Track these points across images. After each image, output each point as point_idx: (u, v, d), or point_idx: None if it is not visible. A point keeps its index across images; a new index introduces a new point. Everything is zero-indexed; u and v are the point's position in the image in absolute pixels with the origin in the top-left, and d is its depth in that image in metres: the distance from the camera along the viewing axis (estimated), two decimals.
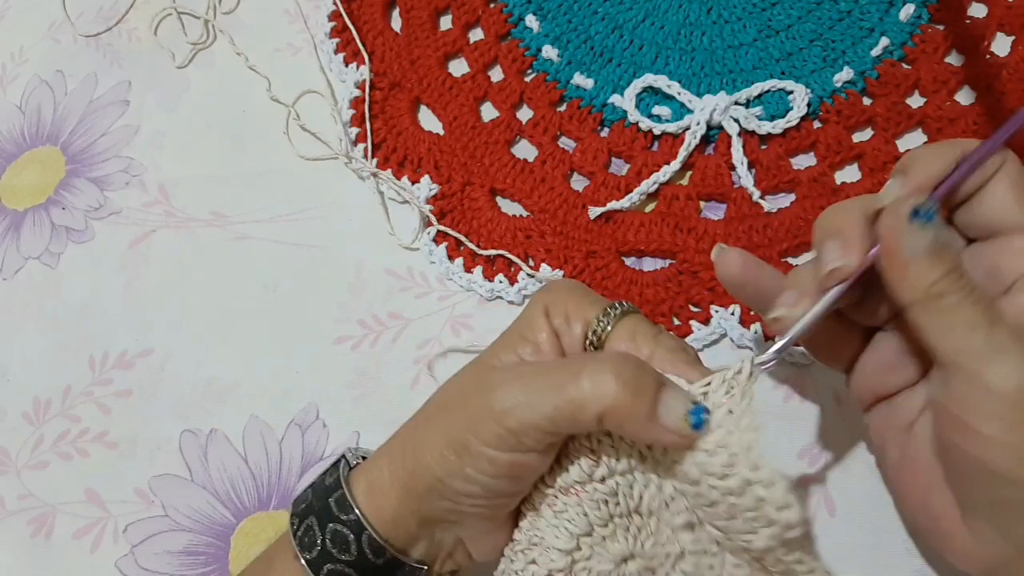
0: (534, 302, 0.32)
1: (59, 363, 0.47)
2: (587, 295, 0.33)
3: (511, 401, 0.28)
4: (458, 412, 0.30)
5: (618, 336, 0.31)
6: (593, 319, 0.31)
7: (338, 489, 0.32)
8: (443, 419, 0.30)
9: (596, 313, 0.31)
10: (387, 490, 0.31)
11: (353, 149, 0.49)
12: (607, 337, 0.31)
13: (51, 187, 0.52)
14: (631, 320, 0.31)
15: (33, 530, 0.44)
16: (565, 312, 0.32)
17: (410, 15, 0.52)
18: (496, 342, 0.33)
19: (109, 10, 0.57)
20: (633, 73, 0.49)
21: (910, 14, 0.47)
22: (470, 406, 0.29)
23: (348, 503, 0.31)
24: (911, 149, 0.31)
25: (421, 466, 0.30)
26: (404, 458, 0.31)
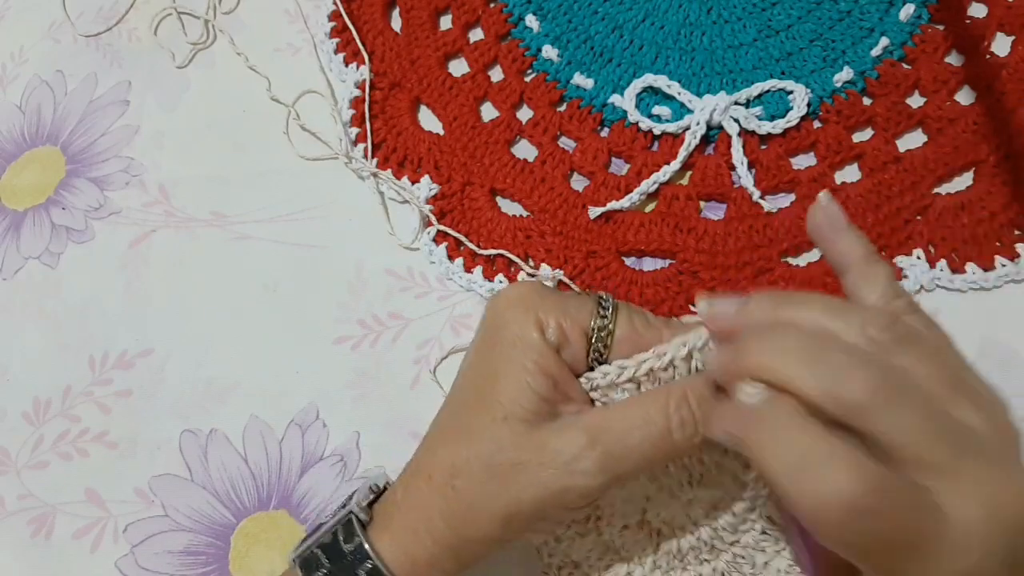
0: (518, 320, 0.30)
1: (59, 363, 0.47)
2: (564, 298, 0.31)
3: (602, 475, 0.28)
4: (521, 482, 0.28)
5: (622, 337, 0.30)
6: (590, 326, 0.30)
7: (366, 559, 0.30)
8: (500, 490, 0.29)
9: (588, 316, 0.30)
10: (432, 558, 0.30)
11: (353, 149, 0.49)
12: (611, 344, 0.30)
13: (51, 187, 0.52)
14: (623, 316, 0.31)
15: (33, 530, 0.44)
16: (557, 324, 0.30)
17: (410, 15, 0.52)
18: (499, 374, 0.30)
19: (109, 10, 0.57)
20: (633, 73, 0.49)
21: (910, 14, 0.47)
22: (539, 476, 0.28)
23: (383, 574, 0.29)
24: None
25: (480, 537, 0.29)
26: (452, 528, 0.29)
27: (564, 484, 0.28)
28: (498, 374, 0.30)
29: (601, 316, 0.30)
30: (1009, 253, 0.42)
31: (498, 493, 0.29)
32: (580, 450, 0.28)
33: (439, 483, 0.30)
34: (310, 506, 0.42)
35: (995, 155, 0.43)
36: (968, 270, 0.42)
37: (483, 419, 0.30)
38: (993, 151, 0.43)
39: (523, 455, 0.29)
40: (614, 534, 0.34)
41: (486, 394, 0.30)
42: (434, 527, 0.30)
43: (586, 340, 0.30)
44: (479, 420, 0.30)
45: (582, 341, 0.30)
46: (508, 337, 0.30)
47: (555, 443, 0.28)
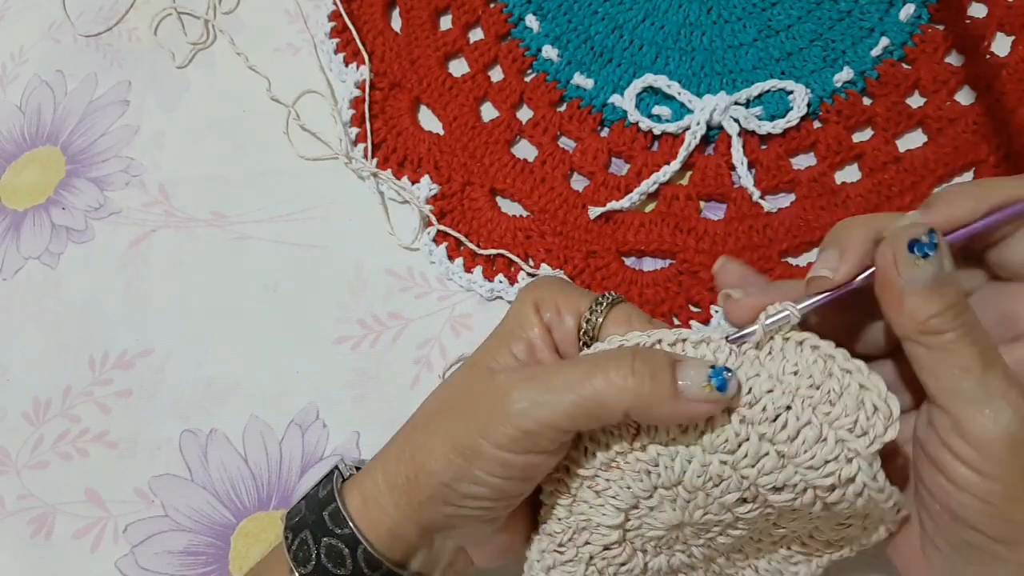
0: (522, 299, 0.32)
1: (59, 363, 0.47)
2: (573, 288, 0.33)
3: (526, 403, 0.28)
4: (463, 416, 0.29)
5: (613, 324, 0.31)
6: (585, 310, 0.31)
7: (332, 502, 0.31)
8: (446, 424, 0.30)
9: (587, 304, 0.31)
10: (383, 502, 0.31)
11: (353, 149, 0.49)
12: (601, 327, 0.31)
13: (51, 187, 0.52)
14: (623, 308, 0.31)
15: (33, 530, 0.44)
16: (555, 306, 0.31)
17: (410, 15, 0.52)
18: (487, 342, 0.32)
19: (109, 10, 0.57)
20: (633, 73, 0.49)
21: (910, 14, 0.47)
22: (478, 410, 0.29)
23: (343, 516, 0.31)
24: (953, 185, 0.30)
25: (424, 473, 0.30)
26: (402, 466, 0.31)
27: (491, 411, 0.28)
28: (491, 338, 0.32)
29: (595, 306, 0.31)
30: None
31: (440, 428, 0.30)
32: (512, 381, 0.29)
33: (405, 429, 0.32)
34: None
35: (995, 155, 0.43)
36: None
37: (461, 373, 0.32)
38: (993, 151, 0.43)
39: (476, 397, 0.30)
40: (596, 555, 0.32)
41: (474, 357, 0.32)
42: (389, 469, 0.31)
43: (577, 325, 0.31)
44: (458, 375, 0.32)
45: (573, 324, 0.31)
46: (510, 315, 0.32)
47: (498, 381, 0.29)
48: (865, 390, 0.27)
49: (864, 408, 0.27)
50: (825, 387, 0.28)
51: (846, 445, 0.27)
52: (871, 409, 0.27)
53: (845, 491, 0.28)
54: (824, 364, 0.28)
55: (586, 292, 0.32)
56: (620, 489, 0.30)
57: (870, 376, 0.27)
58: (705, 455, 0.28)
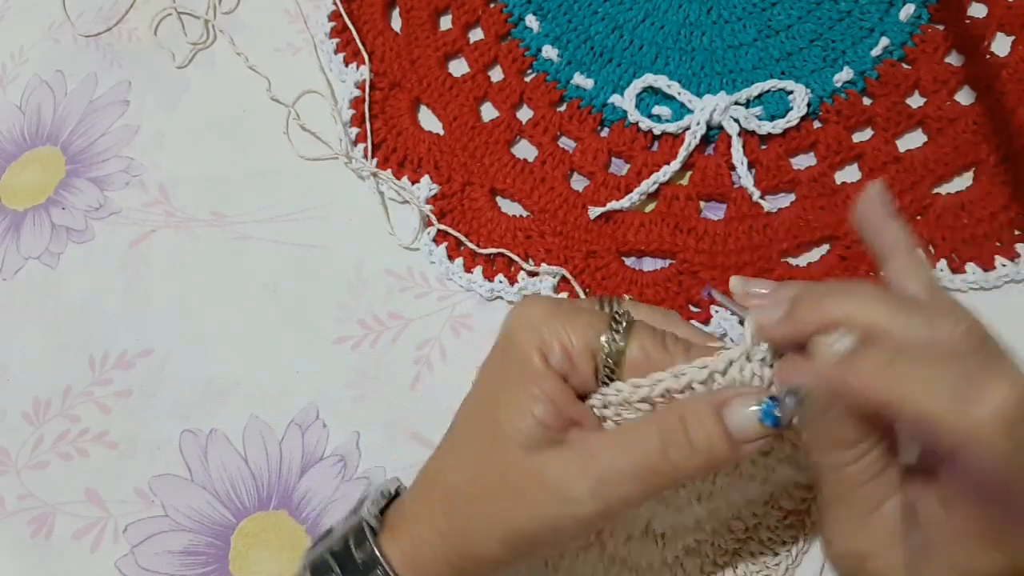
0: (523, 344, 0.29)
1: (59, 363, 0.47)
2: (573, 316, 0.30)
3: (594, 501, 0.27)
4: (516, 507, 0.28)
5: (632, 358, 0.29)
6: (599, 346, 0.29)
7: (376, 566, 0.30)
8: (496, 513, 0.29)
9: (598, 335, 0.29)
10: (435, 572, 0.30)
11: (353, 149, 0.49)
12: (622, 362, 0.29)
13: (51, 187, 0.52)
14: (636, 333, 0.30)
15: (33, 530, 0.44)
16: (562, 349, 0.29)
17: (410, 15, 0.52)
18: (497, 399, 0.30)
19: (109, 10, 0.57)
20: (633, 73, 0.49)
21: (910, 14, 0.47)
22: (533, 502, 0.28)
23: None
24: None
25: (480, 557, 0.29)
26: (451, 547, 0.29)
27: (558, 511, 0.28)
28: (501, 397, 0.30)
29: (611, 339, 0.29)
30: (1009, 253, 0.42)
31: (494, 517, 0.29)
32: (572, 477, 0.28)
33: (441, 500, 0.30)
34: (310, 506, 0.42)
35: (995, 155, 0.43)
36: (968, 270, 0.42)
37: (485, 441, 0.30)
38: (993, 151, 0.43)
39: (519, 482, 0.28)
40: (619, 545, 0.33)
41: (490, 416, 0.30)
42: (434, 543, 0.30)
43: (593, 362, 0.29)
44: (481, 442, 0.30)
45: (589, 364, 0.29)
46: (514, 360, 0.30)
47: (549, 470, 0.28)
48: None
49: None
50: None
51: None
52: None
53: None
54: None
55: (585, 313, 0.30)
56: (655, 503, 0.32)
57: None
58: None
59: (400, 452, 0.42)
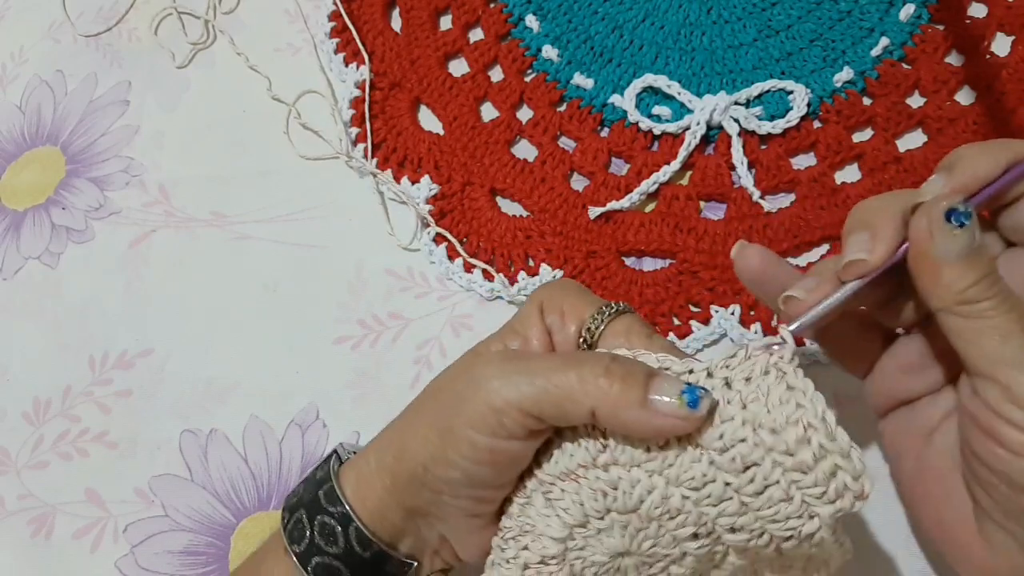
0: (530, 299, 0.32)
1: (59, 363, 0.47)
2: (583, 294, 0.32)
3: (498, 380, 0.28)
4: (445, 396, 0.30)
5: (612, 334, 0.31)
6: (588, 317, 0.31)
7: (327, 482, 0.32)
8: (430, 404, 0.31)
9: (591, 311, 0.31)
10: (373, 481, 0.31)
11: (353, 149, 0.49)
12: (601, 335, 0.31)
13: (51, 187, 0.52)
14: (625, 319, 0.31)
15: (33, 530, 0.44)
16: (560, 309, 0.32)
17: (410, 15, 0.52)
18: (488, 337, 0.33)
19: (109, 10, 0.57)
20: (633, 73, 0.49)
21: (910, 14, 0.47)
22: (456, 388, 0.29)
23: (336, 495, 0.31)
24: (962, 146, 0.30)
25: (406, 453, 0.30)
26: (391, 446, 0.31)
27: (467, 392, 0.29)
28: (492, 336, 0.33)
29: (597, 314, 0.31)
30: None
31: (424, 411, 0.31)
32: (491, 365, 0.29)
33: (399, 416, 0.32)
34: None
35: None
36: None
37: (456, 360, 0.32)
38: None
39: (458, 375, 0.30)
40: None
41: (476, 345, 0.32)
42: (379, 449, 0.31)
43: (578, 331, 0.31)
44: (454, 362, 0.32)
45: (575, 330, 0.31)
46: (517, 313, 0.33)
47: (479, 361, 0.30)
48: (840, 468, 0.26)
49: (835, 482, 0.26)
50: (800, 456, 0.26)
51: (810, 508, 0.27)
52: (842, 485, 0.26)
53: (802, 543, 0.27)
54: (803, 432, 0.26)
55: (596, 300, 0.32)
56: (572, 503, 0.29)
57: (849, 453, 0.26)
58: (668, 487, 0.28)
59: None
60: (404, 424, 0.31)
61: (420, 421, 0.30)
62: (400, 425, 0.32)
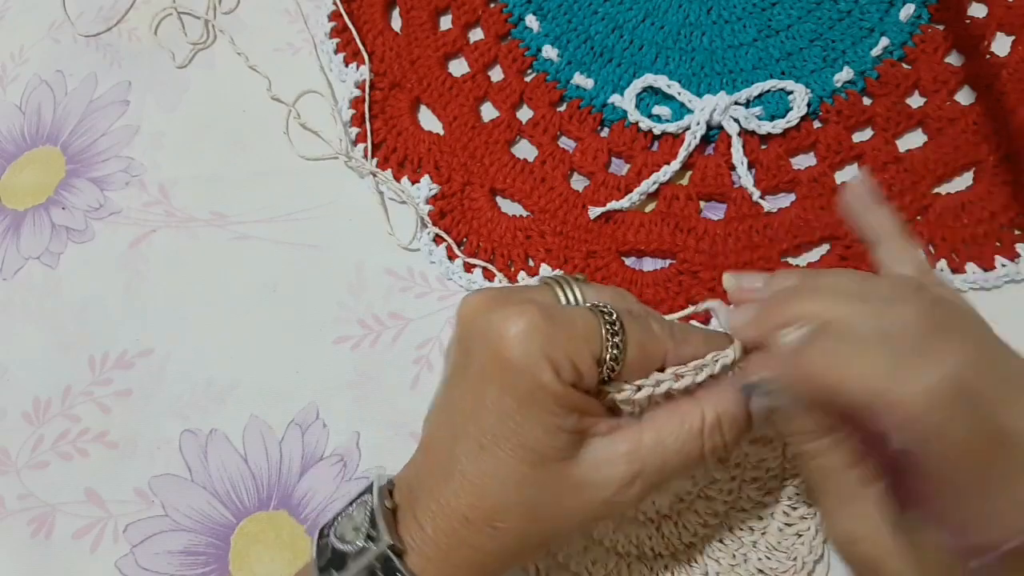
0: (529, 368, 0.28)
1: (59, 363, 0.47)
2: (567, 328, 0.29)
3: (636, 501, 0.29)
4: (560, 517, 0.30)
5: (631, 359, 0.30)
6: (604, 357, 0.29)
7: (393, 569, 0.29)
8: (541, 527, 0.29)
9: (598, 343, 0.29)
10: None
11: (353, 149, 0.49)
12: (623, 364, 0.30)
13: (51, 187, 0.52)
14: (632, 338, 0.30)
15: (33, 530, 0.44)
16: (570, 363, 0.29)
17: (410, 15, 0.52)
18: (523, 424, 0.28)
19: (109, 10, 0.57)
20: (633, 73, 0.49)
21: (910, 14, 0.47)
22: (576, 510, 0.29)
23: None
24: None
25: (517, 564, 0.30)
26: (499, 562, 0.30)
27: (606, 512, 0.30)
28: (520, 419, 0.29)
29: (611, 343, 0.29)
30: (1009, 253, 0.42)
31: (541, 530, 0.30)
32: (621, 485, 0.29)
33: (478, 525, 0.29)
34: (310, 506, 0.42)
35: (995, 155, 0.43)
36: (968, 270, 0.42)
37: (514, 463, 0.29)
38: (993, 151, 0.43)
39: (564, 496, 0.29)
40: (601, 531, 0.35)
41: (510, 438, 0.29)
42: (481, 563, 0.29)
43: (598, 367, 0.29)
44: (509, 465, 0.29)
45: (594, 370, 0.29)
46: (525, 385, 0.28)
47: (595, 478, 0.29)
48: None
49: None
50: None
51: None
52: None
53: None
54: None
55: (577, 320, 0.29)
56: None
57: None
58: None
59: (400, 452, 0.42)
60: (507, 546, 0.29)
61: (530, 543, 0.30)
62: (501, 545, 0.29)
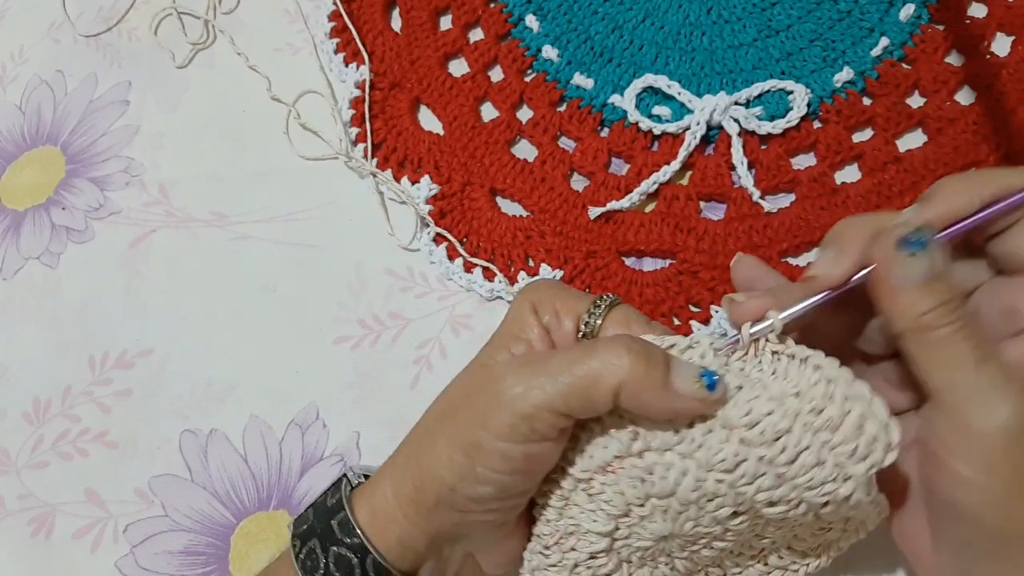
0: (519, 301, 0.32)
1: (59, 363, 0.47)
2: (571, 291, 0.33)
3: (521, 386, 0.28)
4: (463, 413, 0.29)
5: (611, 326, 0.31)
6: (584, 312, 0.31)
7: (340, 511, 0.31)
8: (447, 424, 0.30)
9: (586, 306, 0.31)
10: (392, 511, 0.30)
11: (353, 149, 0.49)
12: (600, 328, 0.31)
13: (51, 187, 0.52)
14: (622, 310, 0.31)
15: (33, 530, 0.44)
16: (553, 308, 0.31)
17: (410, 15, 0.52)
18: (487, 345, 0.32)
19: (109, 10, 0.57)
20: (633, 73, 0.49)
21: (910, 14, 0.47)
22: (475, 403, 0.29)
23: (351, 526, 0.30)
24: (945, 177, 0.30)
25: (429, 478, 0.29)
26: (408, 473, 0.30)
27: (488, 401, 0.29)
28: (490, 342, 0.32)
29: (594, 308, 0.31)
30: None
31: (442, 430, 0.30)
32: (507, 368, 0.29)
33: (409, 437, 0.32)
34: None
35: (995, 155, 0.43)
36: None
37: (461, 376, 0.32)
38: (993, 151, 0.43)
39: (472, 389, 0.30)
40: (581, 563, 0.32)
41: (476, 357, 0.32)
42: (394, 476, 0.31)
43: (576, 327, 0.31)
44: (458, 378, 0.32)
45: (572, 326, 0.31)
46: (509, 314, 0.32)
47: (493, 368, 0.30)
48: (866, 418, 0.27)
49: (864, 434, 0.27)
50: (826, 413, 0.27)
51: (843, 469, 0.27)
52: (871, 437, 0.27)
53: (839, 506, 0.28)
54: (826, 387, 0.27)
55: (583, 295, 0.32)
56: (614, 494, 0.30)
57: (873, 402, 0.27)
58: (700, 471, 0.28)
59: None
60: (419, 449, 0.31)
61: (439, 443, 0.30)
62: (414, 450, 0.31)
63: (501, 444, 0.28)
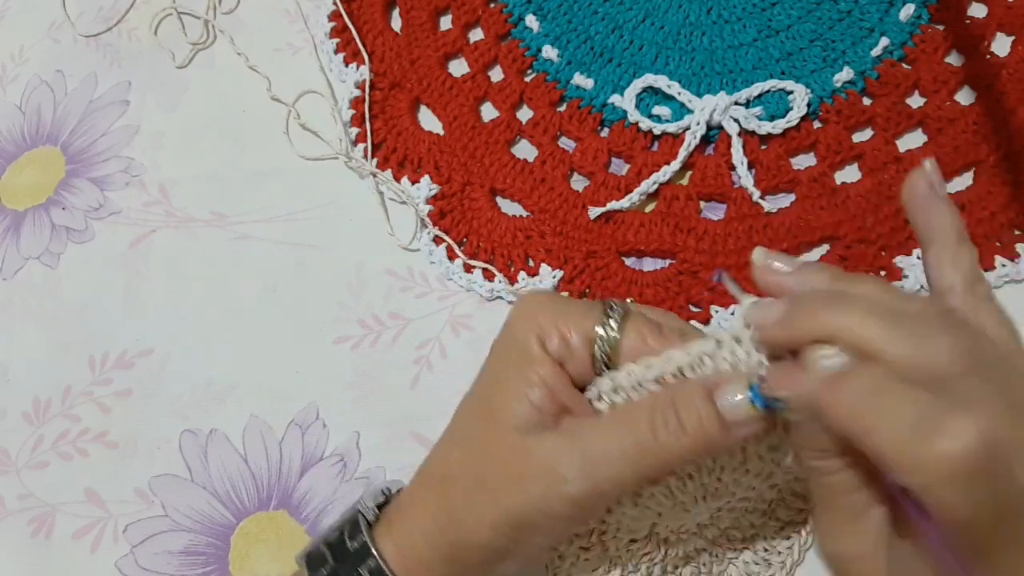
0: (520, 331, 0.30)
1: (59, 363, 0.47)
2: (569, 305, 0.30)
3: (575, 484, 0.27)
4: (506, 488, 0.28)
5: (629, 346, 0.29)
6: (595, 334, 0.29)
7: (368, 557, 0.30)
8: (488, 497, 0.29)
9: (593, 320, 0.29)
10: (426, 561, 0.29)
11: (353, 149, 0.49)
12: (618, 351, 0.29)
13: (51, 187, 0.52)
14: (634, 324, 0.30)
15: (33, 530, 0.44)
16: (559, 333, 0.29)
17: (410, 15, 0.52)
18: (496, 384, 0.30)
19: (109, 10, 0.57)
20: (633, 73, 0.49)
21: (910, 14, 0.47)
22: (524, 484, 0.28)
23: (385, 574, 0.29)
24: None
25: (475, 546, 0.29)
26: (445, 532, 0.29)
27: (547, 492, 0.28)
28: (500, 383, 0.30)
29: (606, 324, 0.29)
30: (1009, 253, 0.42)
31: (486, 500, 0.29)
32: (561, 456, 0.28)
33: (436, 487, 0.30)
34: (310, 506, 0.42)
35: (995, 155, 0.43)
36: None
37: (481, 426, 0.30)
38: (993, 151, 0.43)
39: (512, 464, 0.28)
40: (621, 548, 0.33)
41: (487, 402, 0.30)
42: (427, 530, 0.30)
43: (590, 349, 0.29)
44: (478, 427, 0.30)
45: (586, 351, 0.29)
46: (512, 348, 0.30)
47: (540, 451, 0.28)
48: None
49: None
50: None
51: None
52: None
53: None
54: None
55: (585, 304, 0.30)
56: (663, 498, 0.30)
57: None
58: None
59: (400, 452, 0.42)
60: (452, 506, 0.29)
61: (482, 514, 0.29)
62: (446, 505, 0.29)
63: (555, 522, 0.28)
